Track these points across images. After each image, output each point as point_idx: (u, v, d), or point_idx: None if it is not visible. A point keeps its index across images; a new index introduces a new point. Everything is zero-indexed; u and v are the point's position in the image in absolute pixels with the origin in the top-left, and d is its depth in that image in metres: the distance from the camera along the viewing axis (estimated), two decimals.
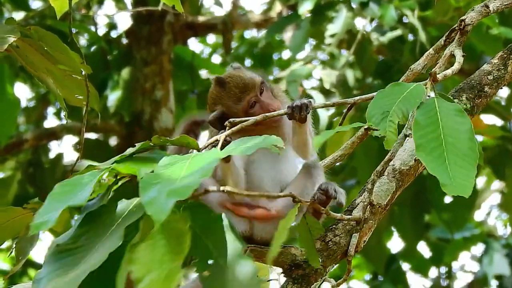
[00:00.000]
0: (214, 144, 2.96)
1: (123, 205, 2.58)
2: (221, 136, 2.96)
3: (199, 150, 2.90)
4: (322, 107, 3.52)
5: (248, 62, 11.35)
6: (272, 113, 3.26)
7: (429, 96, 3.03)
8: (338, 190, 3.42)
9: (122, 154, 2.81)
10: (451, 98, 3.22)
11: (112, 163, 2.74)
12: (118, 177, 2.76)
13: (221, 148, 2.84)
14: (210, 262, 2.53)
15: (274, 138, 2.70)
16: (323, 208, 3.22)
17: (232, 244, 2.54)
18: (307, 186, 3.50)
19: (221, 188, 2.73)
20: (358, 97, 3.27)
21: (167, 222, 2.40)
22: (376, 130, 2.91)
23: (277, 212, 3.51)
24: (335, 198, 3.40)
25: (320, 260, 3.38)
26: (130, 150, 2.83)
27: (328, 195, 3.40)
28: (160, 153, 2.84)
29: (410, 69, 3.63)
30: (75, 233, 2.54)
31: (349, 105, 3.39)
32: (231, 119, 3.11)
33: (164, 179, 2.47)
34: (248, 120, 3.13)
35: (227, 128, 3.08)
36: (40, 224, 2.45)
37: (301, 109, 3.29)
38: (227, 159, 3.28)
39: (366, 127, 2.98)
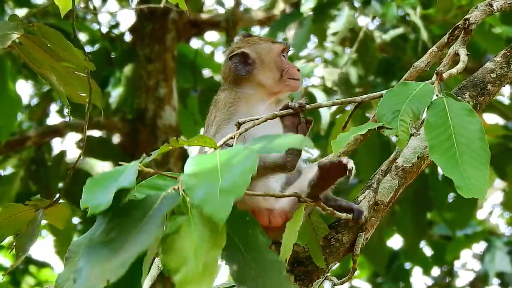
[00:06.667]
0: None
1: (150, 199, 2.60)
2: (235, 134, 2.97)
3: (216, 149, 2.88)
4: (331, 105, 3.49)
5: None
6: (282, 111, 3.24)
7: (437, 95, 3.02)
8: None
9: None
10: (458, 98, 3.23)
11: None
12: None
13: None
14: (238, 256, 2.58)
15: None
16: (327, 208, 3.23)
17: (258, 239, 2.60)
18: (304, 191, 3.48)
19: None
20: (366, 96, 3.26)
21: (200, 214, 2.45)
22: (390, 129, 2.91)
23: (279, 212, 3.51)
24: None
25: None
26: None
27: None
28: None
29: (413, 66, 3.62)
30: (105, 227, 2.55)
31: (356, 104, 3.37)
32: (240, 120, 3.08)
33: (205, 179, 2.50)
34: (259, 118, 3.10)
35: (236, 128, 3.04)
36: (97, 206, 2.50)
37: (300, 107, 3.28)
38: None
39: (379, 126, 2.97)
